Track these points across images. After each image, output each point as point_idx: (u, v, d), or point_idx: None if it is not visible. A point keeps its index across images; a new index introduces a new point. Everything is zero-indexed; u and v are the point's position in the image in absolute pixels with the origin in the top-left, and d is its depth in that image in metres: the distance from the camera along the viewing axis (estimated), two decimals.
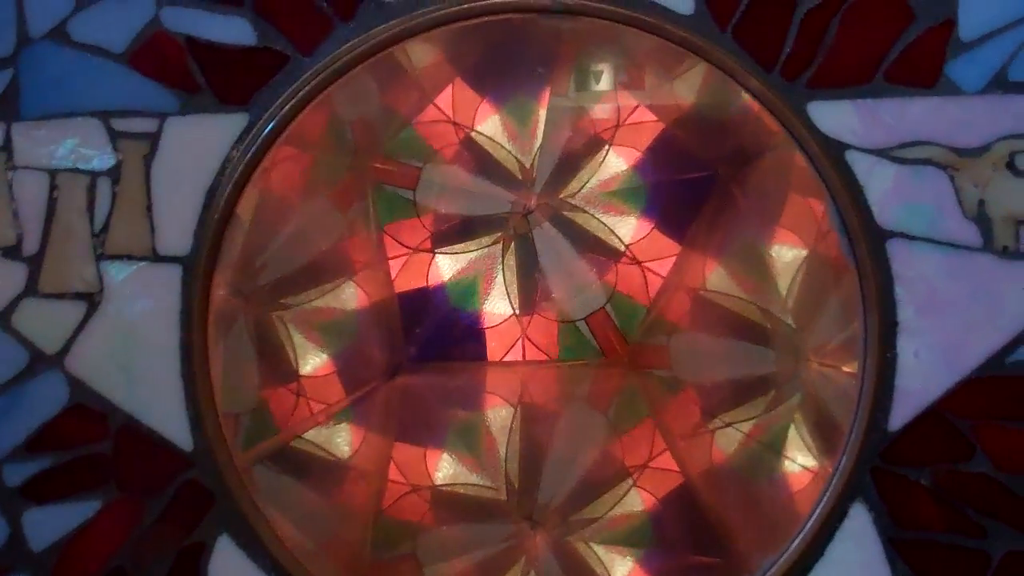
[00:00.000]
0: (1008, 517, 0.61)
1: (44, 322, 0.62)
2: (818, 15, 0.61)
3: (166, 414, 0.61)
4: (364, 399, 0.74)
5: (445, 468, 0.74)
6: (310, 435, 0.70)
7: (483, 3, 0.61)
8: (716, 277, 0.72)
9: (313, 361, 0.72)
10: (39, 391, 0.62)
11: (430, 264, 0.75)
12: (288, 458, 0.69)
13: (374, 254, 0.74)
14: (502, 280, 0.75)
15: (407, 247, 0.74)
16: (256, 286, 0.68)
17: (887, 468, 0.62)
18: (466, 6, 0.61)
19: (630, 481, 0.72)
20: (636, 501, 0.73)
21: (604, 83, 0.72)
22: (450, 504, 0.73)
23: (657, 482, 0.73)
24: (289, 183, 0.68)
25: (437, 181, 0.72)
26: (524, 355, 0.76)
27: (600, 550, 0.72)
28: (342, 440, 0.72)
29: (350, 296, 0.74)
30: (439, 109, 0.73)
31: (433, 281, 0.75)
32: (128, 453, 0.62)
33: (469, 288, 0.75)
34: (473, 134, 0.73)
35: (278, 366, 0.70)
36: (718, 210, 0.73)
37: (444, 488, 0.73)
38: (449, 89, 0.72)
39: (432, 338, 0.75)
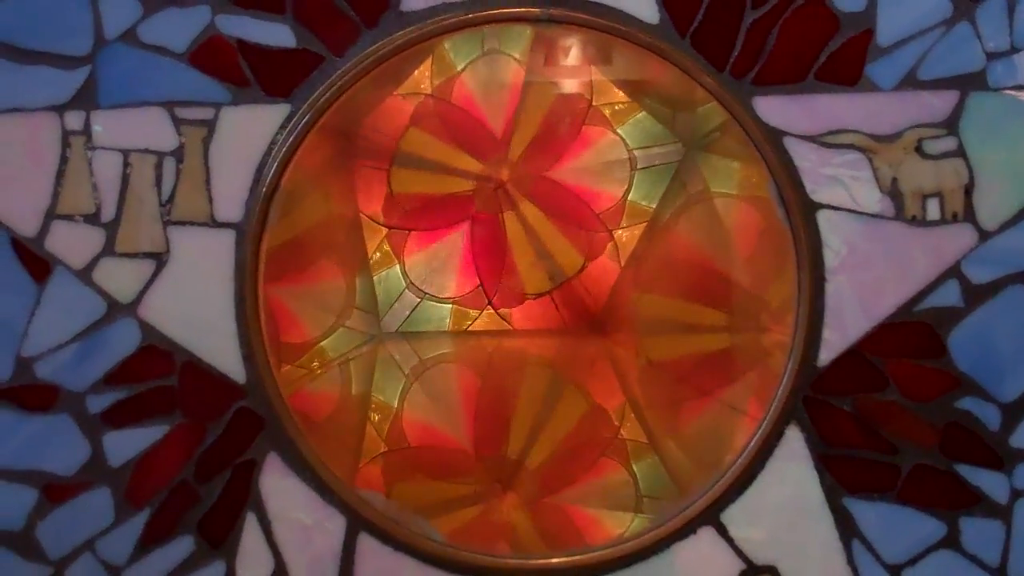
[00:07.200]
0: (914, 437, 0.66)
1: (119, 277, 0.65)
2: (761, 24, 0.65)
3: (223, 353, 0.65)
4: (339, 367, 0.74)
5: (415, 432, 0.74)
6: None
7: (484, 13, 0.65)
8: (683, 247, 0.73)
9: (294, 332, 0.72)
10: (116, 335, 0.65)
11: (405, 238, 0.75)
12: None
13: (352, 231, 0.74)
14: (474, 251, 0.75)
15: (382, 224, 0.74)
16: None
17: (816, 397, 0.66)
18: (471, 15, 0.65)
19: (599, 447, 0.74)
20: (606, 466, 0.74)
21: (575, 58, 0.72)
22: (420, 467, 0.74)
23: (626, 448, 0.74)
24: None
25: (411, 156, 0.72)
26: (493, 325, 0.75)
27: (576, 511, 0.73)
28: (320, 405, 0.72)
29: (330, 271, 0.74)
30: (416, 82, 0.72)
31: (407, 254, 0.75)
32: (191, 385, 0.65)
33: (440, 259, 0.75)
34: (448, 108, 0.73)
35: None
36: (685, 182, 0.74)
37: (414, 450, 0.74)
38: (428, 61, 0.72)
39: (404, 308, 0.76)
